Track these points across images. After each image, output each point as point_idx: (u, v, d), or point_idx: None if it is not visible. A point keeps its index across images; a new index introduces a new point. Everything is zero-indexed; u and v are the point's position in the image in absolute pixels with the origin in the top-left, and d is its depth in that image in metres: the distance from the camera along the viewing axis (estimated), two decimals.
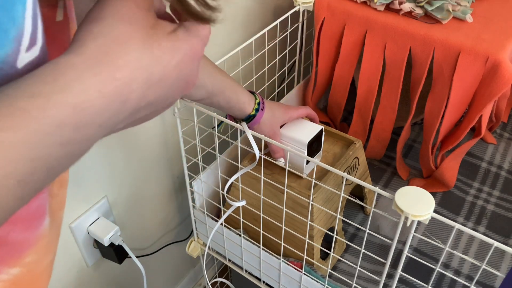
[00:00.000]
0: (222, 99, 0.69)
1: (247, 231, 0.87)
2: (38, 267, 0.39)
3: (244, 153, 0.85)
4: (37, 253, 0.38)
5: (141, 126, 0.87)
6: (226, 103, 0.70)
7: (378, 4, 0.88)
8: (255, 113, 0.73)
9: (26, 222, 0.35)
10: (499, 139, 1.10)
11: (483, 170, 1.03)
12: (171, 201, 1.07)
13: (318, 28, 0.94)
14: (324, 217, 0.80)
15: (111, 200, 0.89)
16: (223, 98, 0.68)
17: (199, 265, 1.32)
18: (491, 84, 0.79)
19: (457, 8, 0.87)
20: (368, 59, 0.91)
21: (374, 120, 0.99)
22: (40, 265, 0.39)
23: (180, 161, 1.01)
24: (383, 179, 1.02)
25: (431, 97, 0.88)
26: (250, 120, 0.73)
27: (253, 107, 0.73)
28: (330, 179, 0.80)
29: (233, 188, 0.84)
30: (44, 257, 0.39)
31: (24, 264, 0.37)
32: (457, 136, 0.91)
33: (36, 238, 0.37)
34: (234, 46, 1.01)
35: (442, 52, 0.82)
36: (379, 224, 0.92)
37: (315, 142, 0.78)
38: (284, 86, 1.08)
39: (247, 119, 0.73)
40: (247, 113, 0.72)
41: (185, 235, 1.17)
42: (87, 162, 0.79)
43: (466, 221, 0.93)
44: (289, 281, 0.81)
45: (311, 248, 0.78)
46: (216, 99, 0.68)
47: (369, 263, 0.86)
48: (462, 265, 0.85)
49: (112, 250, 0.86)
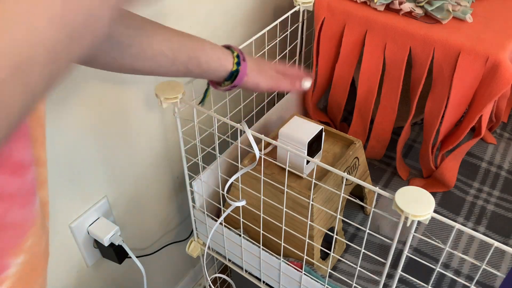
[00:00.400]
0: (191, 63, 0.59)
1: (247, 231, 0.87)
2: (39, 250, 0.39)
3: (244, 153, 0.85)
4: (35, 235, 0.38)
5: (141, 126, 0.87)
6: (197, 67, 0.60)
7: (378, 4, 0.88)
8: (237, 67, 0.62)
9: (23, 199, 0.35)
10: (499, 139, 1.10)
11: (483, 170, 1.03)
12: (171, 201, 1.07)
13: (318, 28, 0.94)
14: (324, 217, 0.80)
15: (111, 200, 0.89)
16: (190, 61, 0.59)
17: (199, 265, 1.32)
18: (491, 84, 0.79)
19: (457, 8, 0.87)
20: (368, 59, 0.91)
21: (374, 120, 0.99)
22: (40, 247, 0.40)
23: (180, 161, 1.01)
24: (383, 179, 1.02)
25: (431, 97, 0.88)
26: (235, 77, 0.63)
27: (233, 61, 0.62)
28: (330, 179, 0.80)
29: (233, 188, 0.84)
30: (41, 238, 0.40)
31: (26, 250, 0.37)
32: (457, 136, 0.91)
33: (33, 217, 0.37)
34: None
35: (442, 52, 0.82)
36: (379, 224, 0.92)
37: (315, 142, 0.78)
38: None
39: (231, 77, 0.63)
40: (229, 70, 0.62)
41: (185, 235, 1.17)
42: (87, 162, 0.79)
43: (466, 221, 0.93)
44: (289, 281, 0.81)
45: (311, 248, 0.78)
46: (184, 65, 0.59)
47: (369, 263, 0.86)
48: (462, 265, 0.85)
49: (112, 250, 0.86)
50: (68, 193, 0.78)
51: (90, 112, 0.76)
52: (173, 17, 0.82)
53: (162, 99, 0.69)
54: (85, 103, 0.74)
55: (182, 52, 0.58)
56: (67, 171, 0.76)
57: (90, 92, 0.74)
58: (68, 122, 0.72)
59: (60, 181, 0.76)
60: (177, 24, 0.83)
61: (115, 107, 0.80)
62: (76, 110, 0.73)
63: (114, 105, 0.80)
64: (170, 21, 0.81)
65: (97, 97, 0.76)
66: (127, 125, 0.84)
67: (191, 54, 0.59)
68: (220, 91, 0.66)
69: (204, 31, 0.91)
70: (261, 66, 0.67)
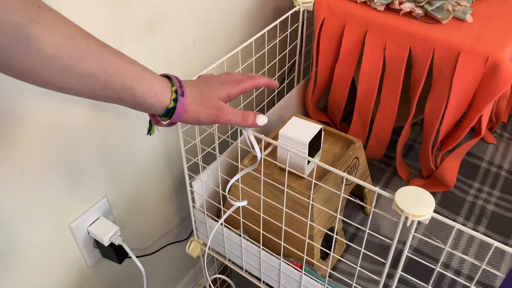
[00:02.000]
0: (125, 92, 0.51)
1: (247, 231, 0.87)
2: None
3: (244, 153, 0.85)
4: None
5: (141, 126, 0.87)
6: (131, 98, 0.52)
7: (378, 4, 0.88)
8: (174, 104, 0.55)
9: None
10: (499, 139, 1.10)
11: (483, 170, 1.03)
12: (171, 201, 1.07)
13: (318, 28, 0.94)
14: (324, 217, 0.80)
15: (111, 200, 0.89)
16: (125, 90, 0.51)
17: (199, 265, 1.32)
18: (491, 84, 0.79)
19: (457, 8, 0.87)
20: (368, 59, 0.91)
21: (374, 120, 0.99)
22: None
23: (180, 161, 1.01)
24: (383, 179, 1.02)
25: (431, 97, 0.88)
26: (172, 115, 0.56)
27: (170, 97, 0.55)
28: (330, 179, 0.80)
29: (233, 188, 0.84)
30: None
31: None
32: (457, 136, 0.91)
33: None
34: (234, 46, 1.01)
35: (442, 52, 0.82)
36: (379, 224, 0.92)
37: (315, 142, 0.79)
38: (284, 86, 1.08)
39: (167, 114, 0.56)
40: (165, 106, 0.55)
41: (185, 235, 1.17)
42: (87, 162, 0.79)
43: (466, 221, 0.93)
44: (289, 281, 0.81)
45: (311, 248, 0.78)
46: (117, 92, 0.51)
47: (369, 263, 0.86)
48: (462, 265, 0.85)
49: (112, 250, 0.86)
50: (68, 193, 0.78)
51: (90, 112, 0.76)
52: (173, 17, 0.82)
53: None
54: (85, 102, 0.74)
55: (117, 77, 0.50)
56: (67, 171, 0.76)
57: None
58: (68, 122, 0.72)
59: (60, 181, 0.76)
60: (177, 24, 0.83)
61: (115, 106, 0.80)
62: (76, 109, 0.73)
63: (114, 105, 0.80)
64: (170, 21, 0.81)
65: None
66: (127, 125, 0.84)
67: (127, 82, 0.51)
68: (161, 127, 0.60)
69: (204, 31, 0.91)
70: (205, 96, 0.59)
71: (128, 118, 0.84)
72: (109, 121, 0.80)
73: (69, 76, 0.47)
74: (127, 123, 0.84)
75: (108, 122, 0.80)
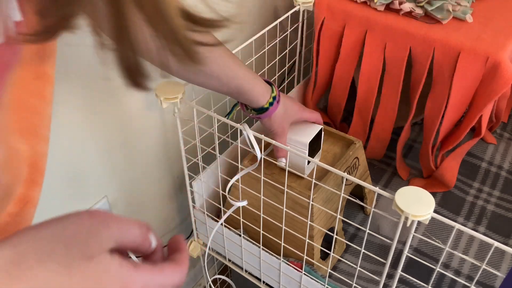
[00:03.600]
0: (236, 91, 0.67)
1: (247, 231, 0.87)
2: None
3: (244, 153, 0.85)
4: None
5: (141, 126, 0.87)
6: (238, 94, 0.68)
7: (378, 4, 0.88)
8: (269, 106, 0.70)
9: None
10: (499, 139, 1.10)
11: (483, 170, 1.03)
12: (171, 201, 1.07)
13: (318, 28, 0.94)
14: (324, 217, 0.80)
15: (111, 200, 0.89)
16: (236, 89, 0.66)
17: (199, 265, 1.32)
18: (491, 84, 0.79)
19: (457, 8, 0.87)
20: (368, 59, 0.91)
21: (374, 120, 0.99)
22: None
23: (180, 161, 1.01)
24: (383, 179, 1.02)
25: (431, 97, 0.88)
26: (262, 113, 0.71)
27: (268, 100, 0.70)
28: (330, 179, 0.80)
29: (233, 188, 0.84)
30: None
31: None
32: (457, 136, 0.91)
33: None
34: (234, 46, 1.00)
35: (442, 52, 0.82)
36: (379, 224, 0.92)
37: (315, 142, 0.79)
38: (284, 86, 1.08)
39: (259, 110, 0.71)
40: (261, 105, 0.70)
41: (185, 235, 1.17)
42: (87, 162, 0.79)
43: (466, 221, 0.93)
44: (289, 281, 0.81)
45: (311, 248, 0.78)
46: (230, 90, 0.67)
47: (369, 263, 0.86)
48: (462, 265, 0.85)
49: None
50: (68, 193, 0.78)
51: (90, 112, 0.76)
52: None
53: (162, 99, 0.69)
54: (86, 103, 0.74)
55: (234, 80, 0.65)
56: (67, 171, 0.76)
57: (91, 92, 0.74)
58: (68, 122, 0.72)
59: (60, 181, 0.76)
60: None
61: (115, 106, 0.80)
62: (76, 109, 0.73)
63: (114, 105, 0.80)
64: None
65: (97, 97, 0.76)
66: (127, 125, 0.84)
67: (240, 85, 0.66)
68: (245, 114, 0.73)
69: None
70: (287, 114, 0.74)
71: (128, 117, 0.84)
72: (109, 121, 0.80)
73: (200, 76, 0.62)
74: (127, 123, 0.84)
75: (108, 122, 0.80)
